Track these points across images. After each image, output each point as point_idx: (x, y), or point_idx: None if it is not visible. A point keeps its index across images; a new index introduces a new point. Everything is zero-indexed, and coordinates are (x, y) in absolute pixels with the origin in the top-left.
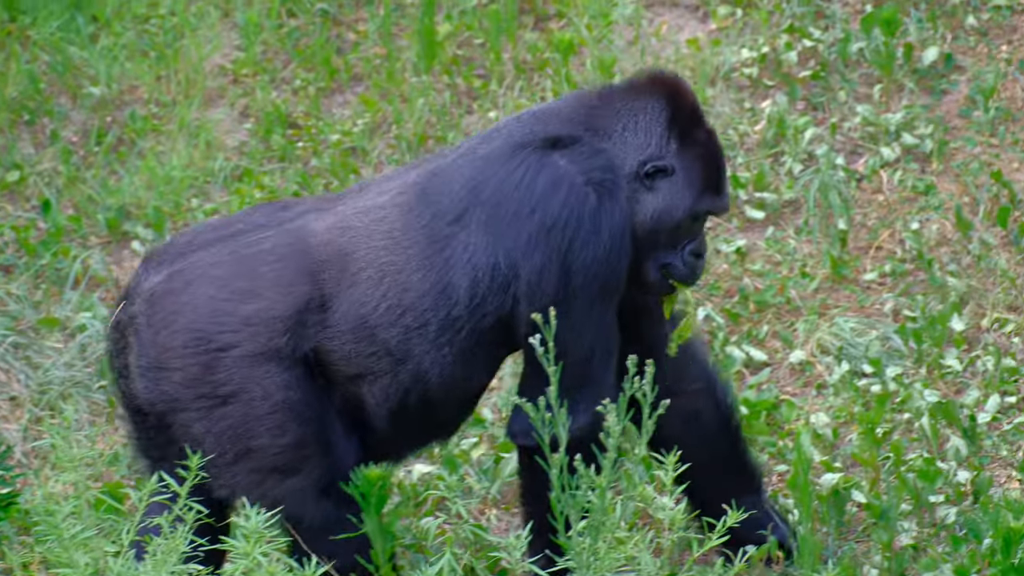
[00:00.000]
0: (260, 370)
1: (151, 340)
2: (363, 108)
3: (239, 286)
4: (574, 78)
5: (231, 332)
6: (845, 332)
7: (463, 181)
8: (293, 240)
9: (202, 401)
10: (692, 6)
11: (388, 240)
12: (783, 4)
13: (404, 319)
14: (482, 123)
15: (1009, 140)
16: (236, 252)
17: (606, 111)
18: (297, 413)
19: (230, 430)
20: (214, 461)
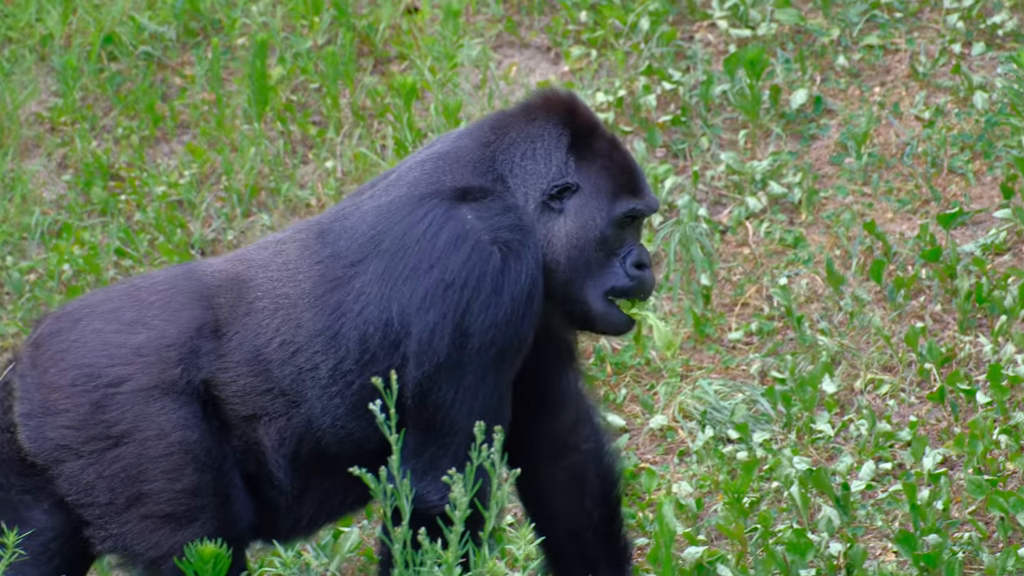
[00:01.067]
0: (155, 406)
1: (36, 383)
2: (190, 158)
3: (128, 317)
4: (417, 124)
5: (122, 365)
6: (709, 395)
7: (366, 228)
8: (186, 272)
9: (93, 443)
10: (543, 47)
11: (284, 272)
12: (640, 44)
13: (297, 359)
14: (318, 173)
15: (883, 188)
16: (127, 289)
17: (503, 144)
18: (194, 456)
19: (123, 472)
20: (104, 510)
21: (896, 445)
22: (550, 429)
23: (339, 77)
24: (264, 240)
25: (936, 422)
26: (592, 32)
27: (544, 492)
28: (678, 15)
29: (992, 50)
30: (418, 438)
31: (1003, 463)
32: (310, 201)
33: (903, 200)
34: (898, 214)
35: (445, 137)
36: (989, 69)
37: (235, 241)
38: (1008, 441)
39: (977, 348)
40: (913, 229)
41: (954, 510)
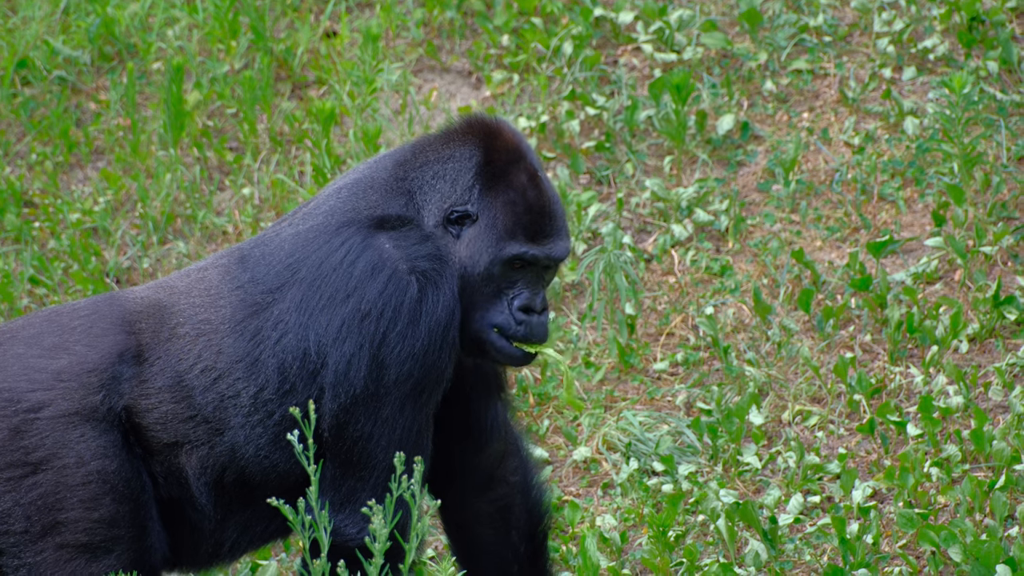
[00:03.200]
0: (75, 433)
1: None
2: (105, 184)
3: (49, 342)
4: (336, 150)
5: (43, 390)
6: (634, 427)
7: (283, 255)
8: (108, 299)
9: (11, 470)
10: (464, 71)
11: (205, 297)
12: (563, 69)
13: (219, 385)
14: (235, 200)
15: (811, 216)
16: (49, 315)
17: (417, 163)
18: (112, 486)
19: (40, 500)
20: (19, 538)
21: (825, 478)
22: (477, 461)
23: (256, 102)
24: (188, 268)
25: (866, 454)
26: (514, 56)
27: (470, 525)
28: (602, 39)
29: (923, 75)
30: (336, 470)
31: (934, 496)
32: (227, 228)
33: (832, 228)
34: (827, 242)
35: (364, 163)
36: (920, 94)
37: (151, 269)
38: (939, 474)
39: (908, 379)
40: (842, 257)
41: (884, 544)
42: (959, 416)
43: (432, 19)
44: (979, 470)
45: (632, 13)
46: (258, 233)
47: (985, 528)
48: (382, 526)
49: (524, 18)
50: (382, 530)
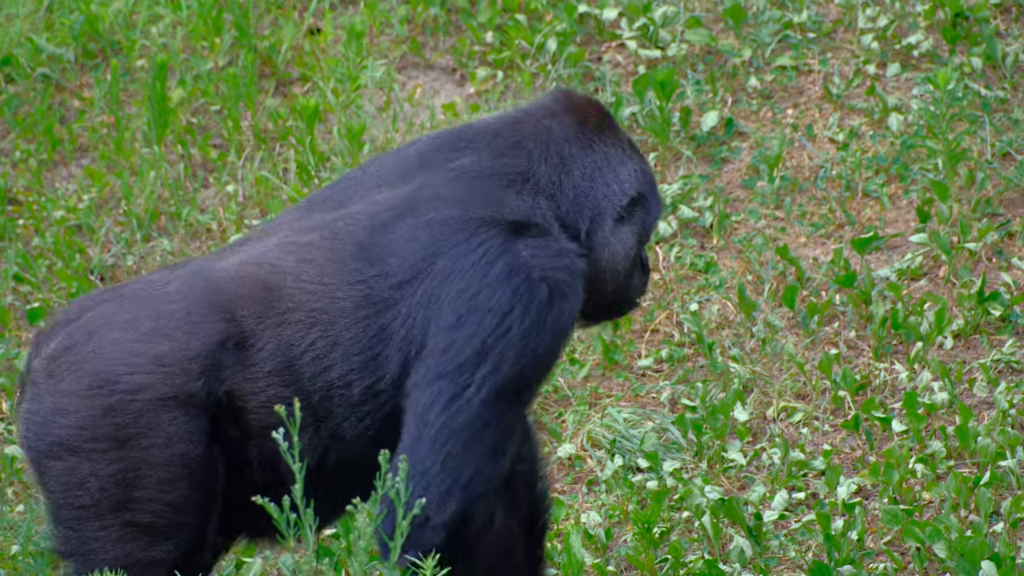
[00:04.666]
0: (168, 415)
1: (49, 389)
2: (89, 182)
3: (147, 327)
4: (320, 147)
5: (142, 374)
6: (618, 423)
7: (418, 247)
8: (200, 278)
9: (95, 443)
10: (448, 68)
11: (319, 286)
12: (548, 66)
13: (328, 375)
14: (219, 197)
15: (796, 212)
16: (138, 298)
17: (550, 161)
18: (191, 471)
19: (119, 474)
20: (85, 512)
21: (810, 474)
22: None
23: (240, 99)
24: (281, 238)
25: (850, 451)
26: (498, 53)
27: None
28: (586, 36)
29: (907, 71)
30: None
31: (919, 492)
32: (211, 225)
33: (816, 224)
34: (811, 239)
35: (475, 141)
36: (904, 90)
37: (135, 267)
38: (924, 470)
39: (892, 375)
40: (827, 254)
41: (869, 540)
42: (944, 412)
43: (416, 16)
44: (964, 466)
45: (616, 9)
46: (350, 200)
47: (970, 524)
48: (366, 524)
49: (508, 15)
50: (366, 528)
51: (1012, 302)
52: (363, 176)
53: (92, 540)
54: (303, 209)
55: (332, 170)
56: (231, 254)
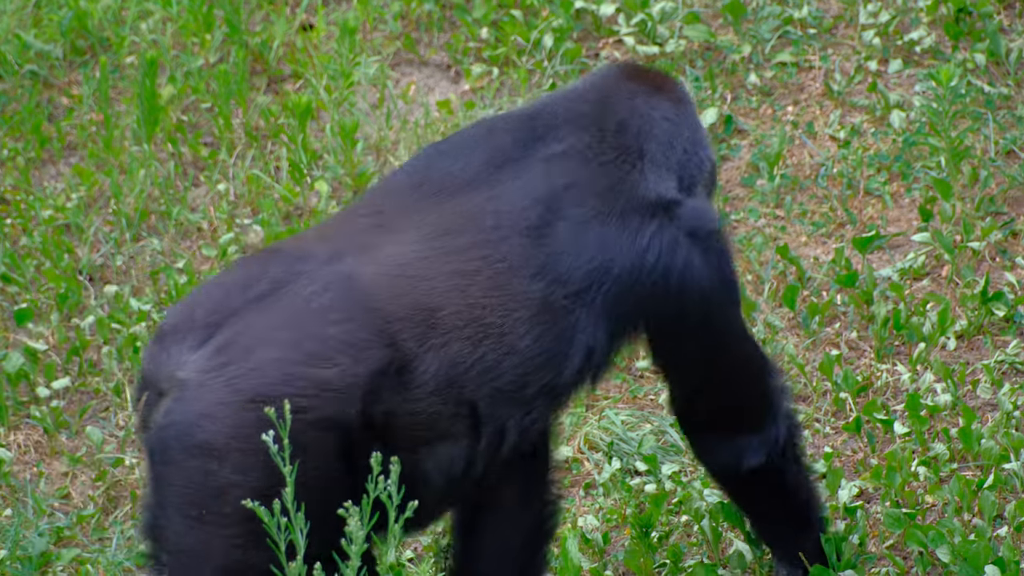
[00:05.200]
0: (321, 435)
1: (200, 396)
2: (78, 180)
3: (309, 348)
4: (312, 145)
5: (304, 397)
6: (616, 426)
7: (587, 253)
8: (351, 293)
9: (244, 454)
10: (443, 65)
11: (490, 299)
12: (544, 62)
13: (498, 382)
14: (210, 196)
15: (796, 211)
16: (293, 312)
17: (671, 143)
18: (328, 487)
19: (263, 489)
20: (217, 516)
21: (811, 477)
22: None
23: (231, 96)
24: (409, 240)
25: (852, 453)
26: (494, 49)
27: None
28: (583, 32)
29: (910, 67)
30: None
31: (922, 496)
32: (202, 225)
33: (817, 223)
34: (812, 238)
35: (561, 126)
36: (907, 87)
37: (124, 267)
38: (927, 473)
39: (894, 376)
40: (828, 253)
41: (871, 544)
42: (947, 414)
43: (410, 12)
44: (967, 469)
45: (614, 5)
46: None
47: (973, 528)
48: (358, 528)
49: (503, 11)
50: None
51: (1016, 302)
52: (446, 162)
53: (211, 543)
54: (399, 195)
55: (325, 168)
56: (367, 256)
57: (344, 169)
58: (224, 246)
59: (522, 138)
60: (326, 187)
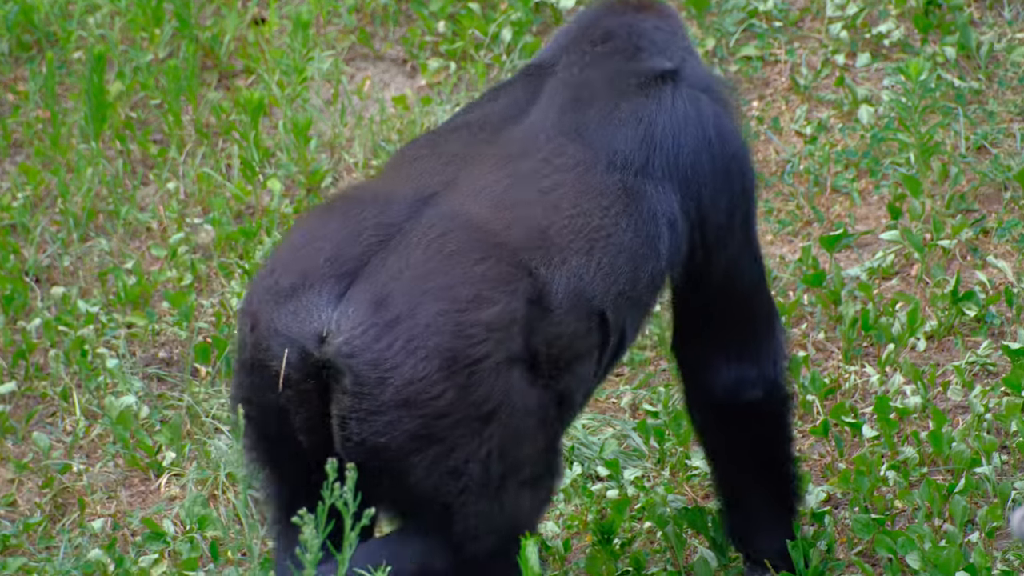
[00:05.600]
0: (512, 377)
1: (382, 378)
2: (24, 179)
3: (466, 294)
4: (264, 142)
5: (479, 343)
6: (577, 430)
7: (630, 125)
8: (473, 232)
9: (463, 427)
10: (399, 59)
11: (583, 206)
12: (502, 56)
13: (618, 283)
14: (159, 195)
15: (762, 209)
16: (429, 258)
17: (670, 45)
18: (540, 419)
19: (497, 447)
20: (475, 490)
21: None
22: None
23: (181, 92)
24: (484, 172)
25: (819, 457)
26: (451, 43)
27: None
28: (542, 25)
29: (878, 61)
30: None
31: (891, 501)
32: (151, 224)
33: (784, 221)
34: (778, 236)
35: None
36: (875, 81)
37: (71, 267)
38: (896, 477)
39: (863, 378)
40: (794, 252)
41: (839, 551)
42: (917, 417)
43: (365, 5)
44: (938, 473)
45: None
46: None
47: (944, 534)
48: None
49: (461, 3)
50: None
51: (987, 302)
52: (476, 111)
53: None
54: (442, 141)
55: (277, 166)
56: (458, 189)
57: (297, 167)
58: (174, 246)
59: (534, 76)
60: (279, 185)
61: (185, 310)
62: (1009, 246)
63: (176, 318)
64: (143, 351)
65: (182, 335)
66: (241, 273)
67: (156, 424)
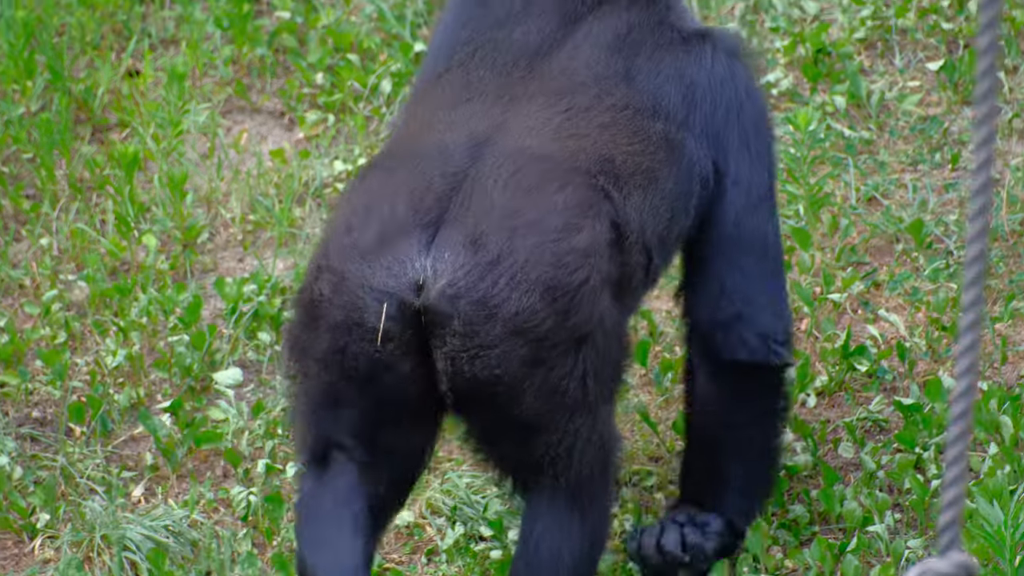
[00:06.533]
0: (605, 300)
1: (489, 315)
2: None
3: (556, 223)
4: (139, 197)
5: (577, 270)
6: (459, 489)
7: (673, 80)
8: (544, 163)
9: (557, 350)
10: (276, 112)
11: (636, 146)
12: (382, 108)
13: (659, 226)
14: (32, 251)
15: None
16: (510, 196)
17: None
18: (620, 338)
19: (592, 367)
20: (570, 409)
21: None
22: None
23: (55, 146)
24: (552, 111)
25: None
26: (329, 95)
27: None
28: None
29: None
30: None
31: (781, 560)
32: (24, 281)
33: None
34: (664, 290)
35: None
36: None
37: None
38: (787, 536)
39: None
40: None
41: None
42: (807, 475)
43: (242, 56)
44: (829, 532)
45: None
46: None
47: None
48: None
49: (340, 54)
50: None
51: (879, 356)
52: (500, 31)
53: (579, 430)
54: (470, 74)
55: (152, 221)
56: (502, 131)
57: (173, 222)
58: (47, 303)
59: (554, 6)
60: (154, 241)
61: (59, 369)
62: (901, 299)
63: (49, 377)
64: (16, 411)
65: (56, 394)
66: (116, 331)
67: (29, 485)
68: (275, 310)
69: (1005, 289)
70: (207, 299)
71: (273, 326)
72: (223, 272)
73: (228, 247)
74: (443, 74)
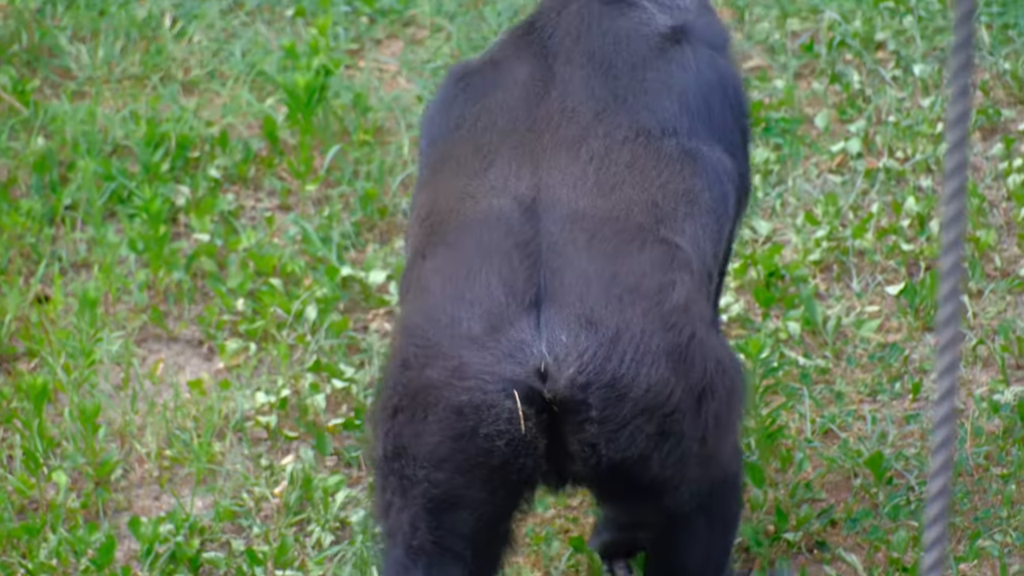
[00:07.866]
0: (709, 344)
1: (618, 397)
2: None
3: (652, 286)
4: (49, 431)
5: (684, 327)
6: None
7: (663, 92)
8: (609, 224)
9: (688, 410)
10: (194, 340)
11: (664, 173)
12: (307, 336)
13: (709, 244)
14: None
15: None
16: (600, 267)
17: None
18: (730, 368)
19: (713, 416)
20: (693, 464)
21: None
22: None
23: None
24: (574, 159)
25: None
26: (251, 323)
27: None
28: (350, 302)
29: None
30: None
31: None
32: None
33: None
34: None
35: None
36: None
37: None
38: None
39: None
40: None
41: None
42: None
43: (158, 281)
44: None
45: (384, 272)
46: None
47: None
48: None
49: (262, 279)
50: None
51: None
52: (493, 95)
53: (703, 475)
54: (484, 136)
55: (63, 456)
56: (545, 192)
57: (85, 458)
58: None
59: (532, 39)
60: (64, 478)
61: None
62: (859, 538)
63: None
64: None
65: None
66: (24, 574)
67: None
68: (193, 551)
69: (970, 527)
70: (121, 540)
71: (191, 568)
72: (138, 511)
73: (143, 484)
74: (449, 149)
